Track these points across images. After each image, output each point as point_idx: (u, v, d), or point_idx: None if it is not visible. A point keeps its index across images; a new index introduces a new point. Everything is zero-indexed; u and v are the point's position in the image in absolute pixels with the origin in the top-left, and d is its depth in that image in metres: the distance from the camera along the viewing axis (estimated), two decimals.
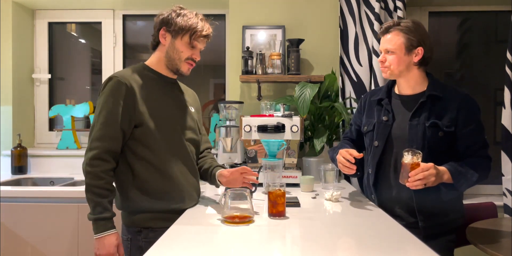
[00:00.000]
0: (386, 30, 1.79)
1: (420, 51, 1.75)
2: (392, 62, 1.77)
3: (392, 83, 1.91)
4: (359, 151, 1.79)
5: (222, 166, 1.82)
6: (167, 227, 1.40)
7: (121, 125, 1.54)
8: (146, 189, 1.58)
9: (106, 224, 1.51)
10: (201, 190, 2.19)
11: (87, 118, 3.11)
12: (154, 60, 1.69)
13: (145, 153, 1.57)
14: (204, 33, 1.64)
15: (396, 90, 1.88)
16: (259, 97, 2.64)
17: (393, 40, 1.76)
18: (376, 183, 1.85)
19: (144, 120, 1.56)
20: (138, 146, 1.57)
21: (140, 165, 1.57)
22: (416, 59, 1.76)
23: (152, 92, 1.62)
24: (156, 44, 1.69)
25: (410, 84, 1.82)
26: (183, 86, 1.84)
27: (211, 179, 1.79)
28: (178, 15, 1.62)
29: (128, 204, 1.59)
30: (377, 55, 2.48)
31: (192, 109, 1.78)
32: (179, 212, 1.60)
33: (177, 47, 1.63)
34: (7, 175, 2.81)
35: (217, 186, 1.83)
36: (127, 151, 1.58)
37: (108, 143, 1.52)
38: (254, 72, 2.63)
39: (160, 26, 1.64)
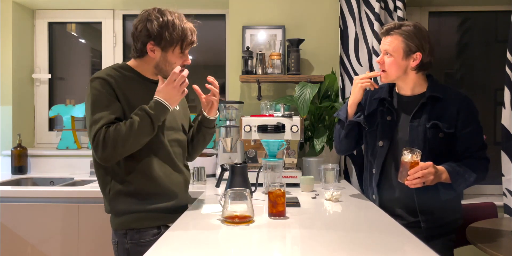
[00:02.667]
0: (387, 32, 1.78)
1: (418, 56, 1.75)
2: (389, 65, 1.77)
3: (393, 83, 1.91)
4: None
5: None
6: (152, 227, 1.38)
7: (113, 102, 1.51)
8: (128, 190, 1.55)
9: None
10: (201, 190, 2.19)
11: None
12: (137, 64, 1.63)
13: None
14: (193, 39, 1.60)
15: (397, 90, 1.88)
16: (259, 97, 2.64)
17: (392, 44, 1.76)
18: (380, 183, 1.85)
19: (125, 117, 1.52)
20: None
21: (121, 167, 1.55)
22: (413, 64, 1.76)
23: (131, 91, 1.56)
24: (142, 55, 1.60)
25: (409, 86, 1.82)
26: None
27: (199, 126, 1.75)
28: (162, 26, 1.53)
29: (112, 206, 1.57)
30: (377, 55, 2.48)
31: (177, 107, 1.72)
32: (163, 211, 1.58)
33: (170, 60, 1.58)
34: (7, 175, 2.81)
35: (208, 123, 1.76)
36: None
37: (107, 118, 1.47)
38: (254, 72, 2.63)
39: (146, 40, 1.55)
